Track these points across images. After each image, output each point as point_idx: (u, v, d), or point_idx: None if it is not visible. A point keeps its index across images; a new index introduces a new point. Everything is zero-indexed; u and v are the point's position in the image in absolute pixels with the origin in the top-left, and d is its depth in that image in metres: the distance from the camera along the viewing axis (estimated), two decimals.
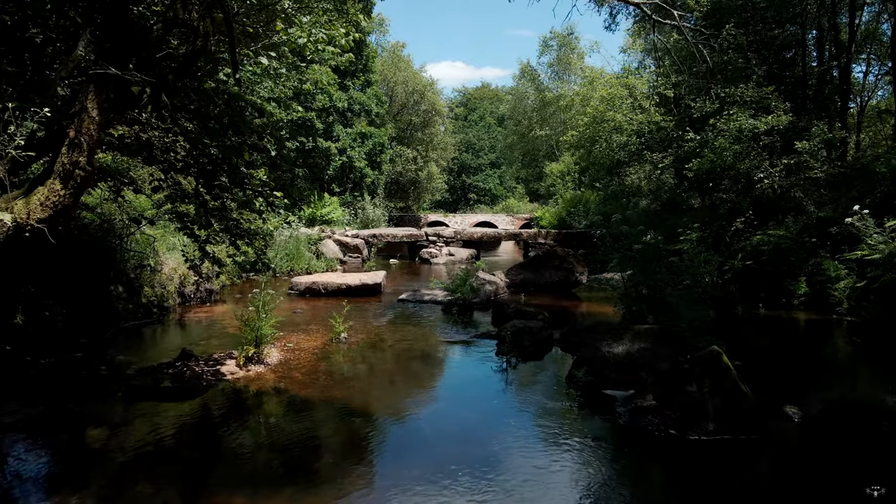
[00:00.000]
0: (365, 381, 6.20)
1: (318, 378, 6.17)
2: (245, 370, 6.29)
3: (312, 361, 6.81)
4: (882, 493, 3.68)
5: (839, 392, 6.05)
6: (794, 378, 6.43)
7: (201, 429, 4.94)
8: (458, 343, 8.02)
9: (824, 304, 10.25)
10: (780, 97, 12.93)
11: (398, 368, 6.85)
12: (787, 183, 12.11)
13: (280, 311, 10.21)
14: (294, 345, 7.56)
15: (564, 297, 12.18)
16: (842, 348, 8.45)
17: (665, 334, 6.05)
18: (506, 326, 7.79)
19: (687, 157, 14.07)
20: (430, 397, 5.92)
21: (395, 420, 5.25)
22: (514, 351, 7.15)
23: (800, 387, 6.01)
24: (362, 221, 24.75)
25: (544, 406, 5.51)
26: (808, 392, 5.77)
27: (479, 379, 6.45)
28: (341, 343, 7.75)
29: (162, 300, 10.06)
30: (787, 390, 5.70)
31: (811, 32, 17.05)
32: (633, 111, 16.04)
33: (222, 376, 6.09)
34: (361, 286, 11.76)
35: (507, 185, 53.88)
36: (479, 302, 10.64)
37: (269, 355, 6.76)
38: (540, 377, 6.49)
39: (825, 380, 6.63)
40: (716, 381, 4.73)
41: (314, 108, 21.93)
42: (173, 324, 9.39)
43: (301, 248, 16.26)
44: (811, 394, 5.69)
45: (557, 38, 39.44)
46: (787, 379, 6.34)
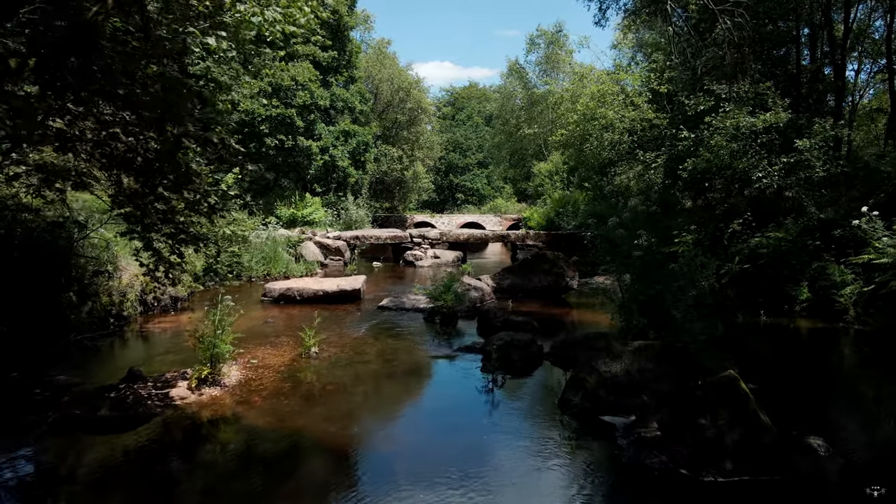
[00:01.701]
0: (333, 407, 5.50)
1: (281, 403, 5.47)
2: (197, 394, 5.57)
3: (276, 381, 6.10)
4: (882, 493, 3.61)
5: (862, 417, 5.46)
6: (811, 400, 5.83)
7: (132, 470, 4.22)
8: (440, 358, 7.34)
9: (828, 310, 9.69)
10: (777, 93, 12.39)
11: (372, 390, 6.14)
12: (786, 183, 11.56)
13: (249, 320, 9.51)
14: (258, 361, 6.84)
15: (554, 303, 11.54)
16: (853, 361, 7.90)
17: (669, 352, 5.42)
18: (492, 339, 7.14)
19: (681, 156, 13.51)
20: (407, 427, 5.23)
21: (363, 457, 4.57)
22: (501, 367, 6.50)
23: (819, 411, 5.42)
24: (345, 222, 23.97)
25: (534, 436, 4.84)
26: (830, 418, 5.18)
27: (462, 402, 5.78)
28: (312, 359, 7.05)
29: (120, 309, 9.29)
30: (807, 416, 5.10)
31: (804, 29, 16.60)
32: (625, 108, 15.45)
33: (170, 402, 5.37)
34: (339, 292, 11.04)
35: (495, 185, 53.27)
36: (464, 310, 9.97)
37: (228, 375, 6.04)
38: (529, 399, 5.83)
39: (844, 401, 6.04)
40: (733, 411, 4.09)
41: (294, 105, 21.12)
42: (131, 336, 8.63)
43: (279, 250, 15.48)
44: (833, 420, 5.10)
45: (545, 35, 38.84)
46: (804, 401, 5.73)
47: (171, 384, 5.69)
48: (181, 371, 6.13)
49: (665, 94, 14.93)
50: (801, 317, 10.05)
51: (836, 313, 9.48)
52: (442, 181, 53.19)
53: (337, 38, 24.57)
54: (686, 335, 5.36)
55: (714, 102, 12.81)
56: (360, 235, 19.03)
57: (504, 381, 6.26)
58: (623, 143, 16.28)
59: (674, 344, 5.45)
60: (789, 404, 5.46)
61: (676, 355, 5.37)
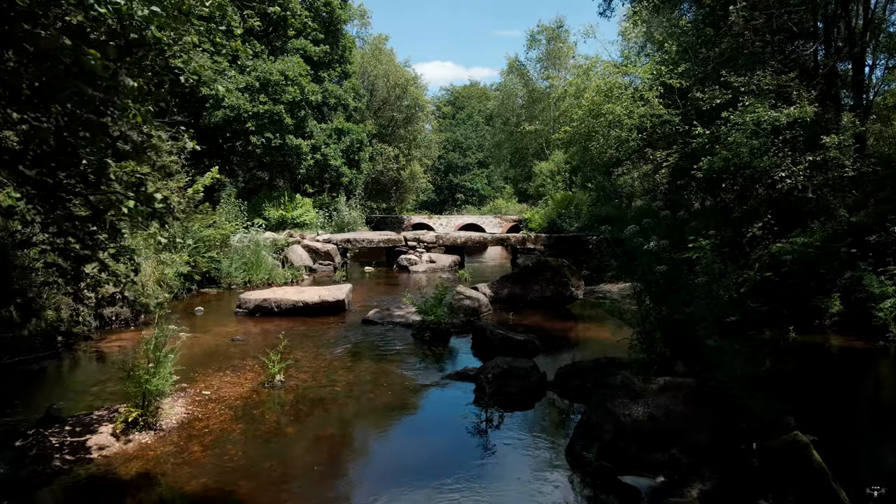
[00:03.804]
0: (289, 462, 4.46)
1: (224, 455, 4.43)
2: (122, 441, 4.54)
3: (226, 422, 5.07)
4: (882, 492, 3.45)
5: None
6: (877, 452, 4.79)
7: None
8: (427, 387, 6.31)
9: (864, 325, 8.67)
10: (803, 86, 11.33)
11: (340, 436, 5.08)
12: (812, 183, 10.51)
13: (215, 337, 8.48)
14: (212, 392, 5.82)
15: (558, 315, 10.49)
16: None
17: (704, 392, 4.38)
18: (487, 367, 6.10)
19: (694, 154, 12.46)
20: (378, 488, 4.18)
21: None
22: (498, 400, 5.49)
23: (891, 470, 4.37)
24: (337, 224, 22.92)
25: (536, 502, 3.82)
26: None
27: (448, 452, 4.73)
28: (276, 388, 6.02)
29: (71, 325, 8.28)
30: (877, 476, 4.06)
31: (819, 21, 15.55)
32: (634, 103, 14.38)
33: (85, 454, 4.33)
34: (321, 304, 10.00)
35: (496, 185, 52.23)
36: (457, 324, 8.94)
37: (167, 414, 5.01)
38: (530, 446, 4.78)
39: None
40: (804, 490, 3.06)
41: (283, 101, 20.03)
42: (81, 356, 7.59)
43: (262, 255, 14.41)
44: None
45: (546, 31, 37.81)
46: (869, 454, 4.69)
47: (93, 428, 4.66)
48: (112, 409, 5.11)
49: (677, 89, 13.87)
50: (833, 332, 9.02)
51: (875, 329, 8.46)
52: (441, 181, 52.18)
53: (329, 31, 23.51)
54: (723, 372, 4.31)
55: (731, 96, 11.76)
56: (351, 238, 17.98)
57: (500, 419, 5.25)
58: (632, 140, 15.20)
59: (708, 381, 4.41)
60: (853, 458, 4.41)
61: (713, 397, 4.33)
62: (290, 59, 20.74)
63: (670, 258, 5.16)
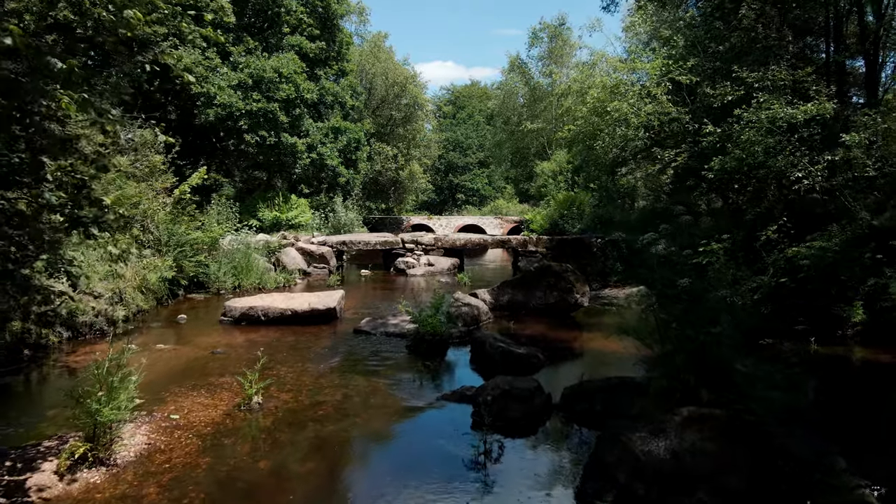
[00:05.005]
0: (260, 500, 3.90)
1: (185, 497, 3.86)
2: (67, 481, 3.96)
3: (192, 455, 4.49)
4: (882, 492, 3.41)
5: None
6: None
7: None
8: (420, 409, 5.73)
9: (889, 335, 8.10)
10: (823, 81, 10.73)
11: (320, 470, 4.50)
12: (831, 184, 9.92)
13: (195, 349, 7.90)
14: (181, 416, 5.25)
15: (562, 324, 9.90)
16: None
17: (736, 426, 3.81)
18: (486, 387, 5.53)
19: (705, 153, 11.87)
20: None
21: None
22: (498, 426, 4.93)
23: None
24: (334, 226, 22.35)
25: None
26: None
27: (442, 489, 4.15)
28: (253, 411, 5.45)
29: (39, 336, 7.72)
30: None
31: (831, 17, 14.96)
32: (641, 100, 13.78)
33: (21, 496, 3.76)
34: (311, 312, 9.42)
35: (496, 186, 51.65)
36: (455, 335, 8.37)
37: (125, 446, 4.44)
38: (534, 485, 4.20)
39: None
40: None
41: (278, 99, 19.44)
42: (48, 371, 7.02)
43: (253, 258, 13.84)
44: None
45: (548, 28, 37.20)
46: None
47: (36, 465, 4.08)
48: (65, 437, 4.53)
49: (685, 85, 13.27)
50: (856, 343, 8.44)
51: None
52: (441, 181, 51.61)
53: (326, 27, 22.94)
54: (758, 403, 3.73)
55: (744, 92, 11.17)
56: (347, 241, 17.39)
57: (500, 449, 4.68)
58: (638, 139, 14.60)
59: (740, 413, 3.83)
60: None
61: (746, 431, 3.76)
62: (285, 56, 20.17)
63: (692, 269, 4.58)
